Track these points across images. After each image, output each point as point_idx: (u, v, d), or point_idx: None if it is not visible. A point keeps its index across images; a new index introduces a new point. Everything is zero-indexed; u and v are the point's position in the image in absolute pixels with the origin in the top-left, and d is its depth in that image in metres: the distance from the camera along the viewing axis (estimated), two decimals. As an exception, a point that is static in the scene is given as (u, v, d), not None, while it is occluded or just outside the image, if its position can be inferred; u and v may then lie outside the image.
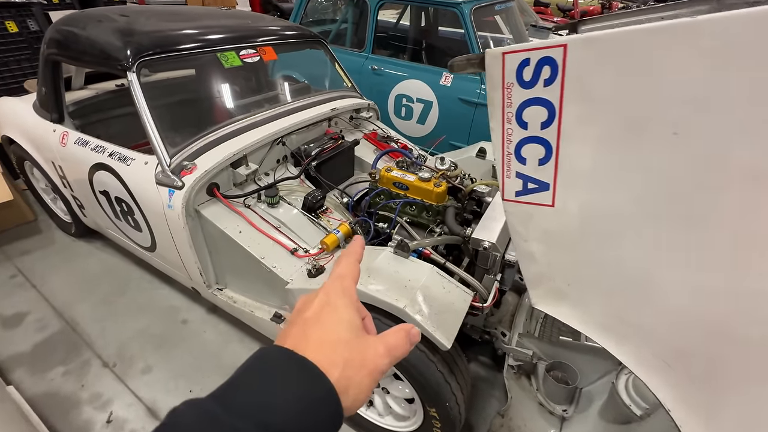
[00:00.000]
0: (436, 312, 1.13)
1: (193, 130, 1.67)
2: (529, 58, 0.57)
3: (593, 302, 0.67)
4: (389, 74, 3.16)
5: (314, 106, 2.11)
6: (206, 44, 1.72)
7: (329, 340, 0.31)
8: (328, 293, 0.36)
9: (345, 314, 0.34)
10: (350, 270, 0.39)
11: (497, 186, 1.91)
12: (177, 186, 1.47)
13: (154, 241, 1.77)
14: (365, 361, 0.32)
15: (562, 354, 1.64)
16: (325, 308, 0.34)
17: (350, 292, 0.36)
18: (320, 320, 0.33)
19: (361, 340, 0.33)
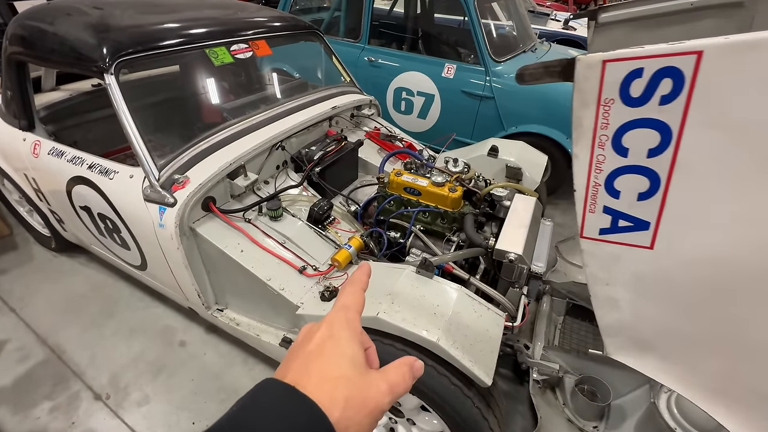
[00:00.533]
0: (471, 342, 1.02)
1: (183, 137, 1.49)
2: (642, 68, 0.43)
3: (700, 362, 0.56)
4: (387, 66, 2.99)
5: (313, 104, 1.95)
6: (192, 39, 1.54)
7: (331, 377, 0.30)
8: (331, 325, 0.34)
9: (348, 349, 0.32)
10: (354, 300, 0.38)
11: (515, 188, 1.80)
12: (168, 203, 1.31)
13: (144, 260, 1.61)
14: (367, 401, 0.30)
15: (591, 367, 1.56)
16: (328, 342, 0.33)
17: (354, 324, 0.35)
18: (323, 354, 0.32)
19: (363, 377, 0.32)
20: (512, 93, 2.62)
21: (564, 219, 2.81)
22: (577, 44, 4.42)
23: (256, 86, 2.14)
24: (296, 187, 1.65)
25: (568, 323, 1.93)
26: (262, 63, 2.27)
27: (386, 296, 1.11)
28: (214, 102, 1.78)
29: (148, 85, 1.65)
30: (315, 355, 0.32)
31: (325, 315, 0.36)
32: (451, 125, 2.91)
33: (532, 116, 2.63)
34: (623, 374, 1.50)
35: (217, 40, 1.62)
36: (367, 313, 1.06)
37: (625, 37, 1.73)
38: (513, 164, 1.97)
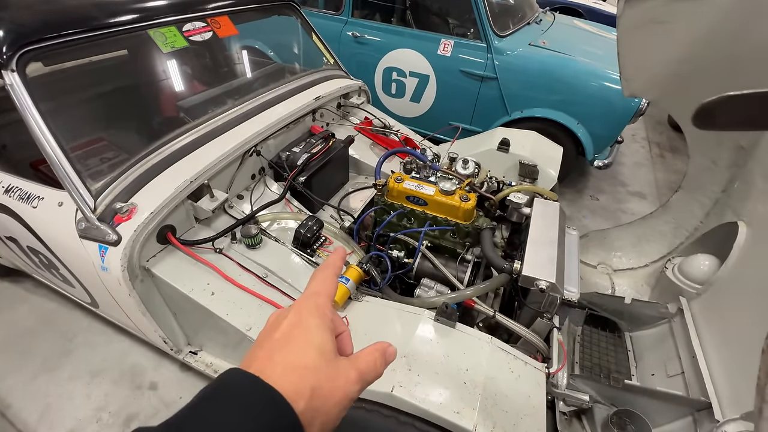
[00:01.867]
0: (514, 422, 0.79)
1: (125, 149, 1.18)
2: None
3: None
4: (375, 43, 2.62)
5: (293, 95, 1.62)
6: (130, 18, 1.18)
7: (297, 366, 0.29)
8: (299, 312, 0.33)
9: (316, 337, 0.31)
10: (326, 286, 0.37)
11: (533, 191, 1.55)
12: (110, 241, 1.01)
13: (94, 299, 1.31)
14: (334, 390, 0.30)
15: (622, 397, 1.40)
16: (295, 329, 0.32)
17: (324, 310, 0.34)
18: (289, 343, 0.31)
19: (331, 366, 0.31)
20: (517, 73, 2.32)
21: (570, 210, 2.61)
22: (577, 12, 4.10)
23: (220, 75, 1.77)
24: (276, 203, 1.36)
25: (587, 334, 1.76)
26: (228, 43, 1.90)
27: (401, 359, 0.87)
28: (166, 100, 1.43)
29: (72, 80, 1.29)
30: (281, 344, 0.31)
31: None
32: (449, 109, 2.61)
33: (539, 99, 2.35)
34: (659, 405, 1.34)
35: (165, 18, 1.26)
36: (379, 388, 0.82)
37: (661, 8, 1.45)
38: (527, 161, 1.72)
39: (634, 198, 2.74)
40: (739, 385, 1.16)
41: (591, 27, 3.00)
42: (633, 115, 2.21)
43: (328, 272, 0.38)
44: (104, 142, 1.24)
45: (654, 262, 1.94)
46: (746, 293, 1.28)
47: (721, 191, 1.65)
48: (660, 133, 3.61)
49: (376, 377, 0.33)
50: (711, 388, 1.21)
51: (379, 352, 0.34)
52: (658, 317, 1.60)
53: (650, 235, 1.98)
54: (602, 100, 2.22)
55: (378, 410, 0.87)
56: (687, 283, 1.55)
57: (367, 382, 0.32)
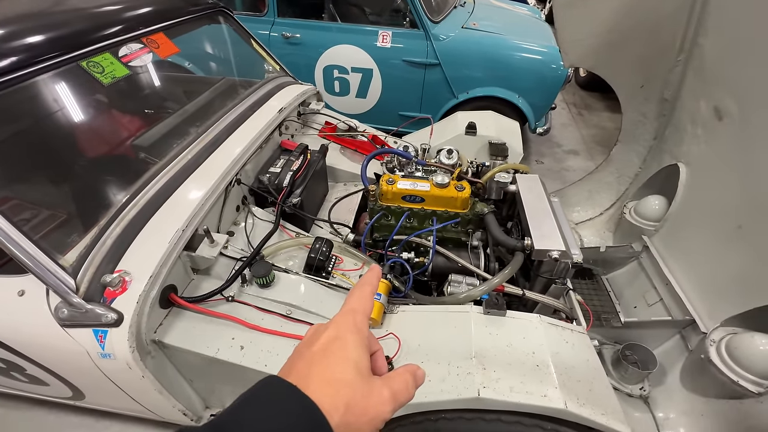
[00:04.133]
0: (590, 388, 0.86)
1: (89, 206, 0.98)
2: None
3: None
4: (309, 42, 2.51)
5: (253, 111, 1.49)
6: (52, 50, 0.96)
7: (334, 380, 0.30)
8: (338, 327, 0.34)
9: (353, 353, 0.32)
10: (363, 303, 0.37)
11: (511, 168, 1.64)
12: (109, 322, 0.84)
13: (79, 392, 1.09)
14: (368, 408, 0.30)
15: (621, 333, 1.58)
16: (334, 343, 0.32)
17: (362, 327, 0.34)
18: (327, 356, 0.31)
19: (366, 383, 0.31)
20: (458, 56, 2.41)
21: (523, 177, 2.83)
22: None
23: (168, 102, 1.54)
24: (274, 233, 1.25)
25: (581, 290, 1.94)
26: (171, 64, 1.65)
27: (471, 360, 0.88)
28: (118, 140, 1.20)
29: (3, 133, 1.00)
30: (319, 357, 0.31)
31: None
32: (397, 100, 2.62)
33: (481, 79, 2.47)
34: (651, 332, 1.55)
35: (95, 45, 1.05)
36: (464, 394, 0.82)
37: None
38: (496, 140, 1.81)
39: (570, 156, 3.06)
40: (712, 298, 1.39)
41: (502, 4, 3.21)
42: (563, 83, 2.44)
43: (365, 290, 0.38)
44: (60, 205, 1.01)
45: (607, 210, 2.21)
46: (698, 221, 1.52)
47: (653, 139, 1.92)
48: (573, 94, 4.05)
49: (407, 399, 0.33)
50: (690, 306, 1.43)
51: (410, 374, 0.34)
52: (627, 257, 1.82)
53: (599, 187, 2.24)
54: (536, 72, 2.41)
55: (461, 416, 0.87)
56: (645, 222, 1.79)
57: (400, 403, 0.32)
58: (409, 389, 0.33)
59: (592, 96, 3.93)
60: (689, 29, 1.55)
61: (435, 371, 0.89)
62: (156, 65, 1.37)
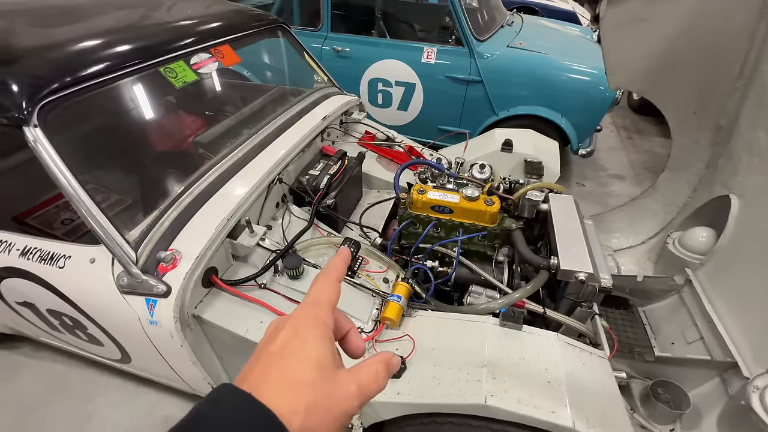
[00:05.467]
0: (602, 411, 0.84)
1: (153, 192, 1.12)
2: None
3: None
4: (358, 56, 2.64)
5: (299, 118, 1.61)
6: (139, 57, 1.13)
7: (292, 382, 0.28)
8: (297, 323, 0.32)
9: (314, 350, 0.30)
10: (327, 293, 0.35)
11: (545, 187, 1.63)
12: (159, 293, 0.96)
13: (127, 355, 1.23)
14: (331, 407, 0.28)
15: (654, 369, 1.50)
16: (292, 342, 0.30)
17: (324, 320, 0.32)
18: (285, 356, 0.29)
19: (329, 381, 0.29)
20: (501, 74, 2.43)
21: (562, 198, 2.75)
22: (532, 11, 4.33)
23: (227, 105, 1.72)
24: (308, 229, 1.34)
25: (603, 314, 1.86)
26: (231, 72, 1.84)
27: (482, 369, 0.89)
28: (183, 137, 1.37)
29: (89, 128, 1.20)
30: (277, 358, 0.29)
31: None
32: (437, 115, 2.68)
33: (523, 97, 2.47)
34: (688, 371, 1.45)
35: (172, 54, 1.22)
36: (470, 400, 0.84)
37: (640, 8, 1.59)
38: (532, 158, 1.80)
39: (615, 180, 2.94)
40: (758, 342, 1.28)
41: (554, 24, 3.19)
42: (610, 105, 2.37)
43: (330, 278, 0.36)
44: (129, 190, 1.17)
45: (650, 239, 2.09)
46: (748, 257, 1.42)
47: (705, 168, 1.81)
48: (624, 117, 3.89)
49: (378, 390, 0.31)
50: (733, 348, 1.33)
51: (382, 364, 0.32)
52: (668, 290, 1.72)
53: (643, 214, 2.14)
54: (581, 93, 2.37)
55: (467, 422, 0.88)
56: (689, 255, 1.68)
57: (368, 396, 0.31)
58: (380, 380, 0.32)
59: (645, 120, 3.74)
60: (751, 54, 1.48)
61: (446, 375, 0.92)
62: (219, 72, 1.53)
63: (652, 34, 1.62)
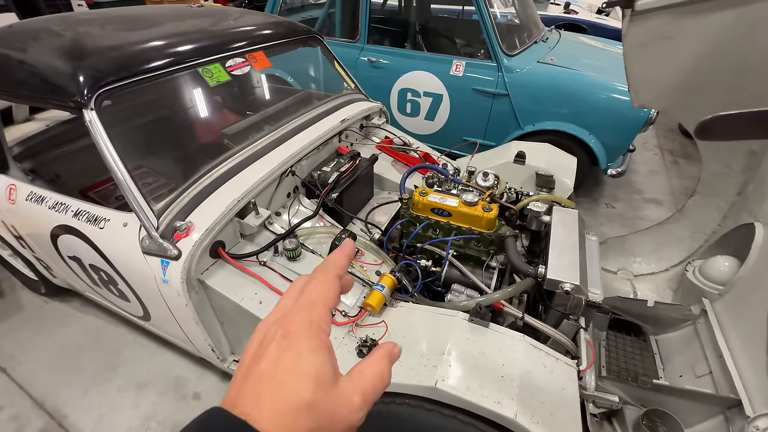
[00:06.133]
0: (551, 411, 0.85)
1: (181, 172, 1.31)
2: None
3: None
4: (390, 66, 2.78)
5: (320, 119, 1.75)
6: (183, 58, 1.33)
7: (290, 407, 0.24)
8: (289, 333, 0.27)
9: (311, 364, 0.26)
10: (324, 292, 0.30)
11: (551, 200, 1.63)
12: (171, 255, 1.12)
13: (147, 312, 1.42)
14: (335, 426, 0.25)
15: (652, 397, 1.42)
16: (284, 356, 0.26)
17: (320, 325, 0.28)
18: (278, 375, 0.25)
19: (330, 398, 0.26)
20: (528, 88, 2.44)
21: (588, 218, 2.66)
22: (580, 28, 4.24)
23: (256, 104, 1.93)
24: (312, 218, 1.46)
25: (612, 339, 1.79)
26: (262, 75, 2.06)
27: (441, 356, 0.95)
28: (212, 128, 1.58)
29: (135, 114, 1.44)
30: (269, 377, 0.26)
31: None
32: (463, 126, 2.73)
33: (549, 112, 2.45)
34: (689, 405, 1.36)
35: (211, 57, 1.42)
36: (423, 382, 0.90)
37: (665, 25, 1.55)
38: (544, 171, 1.80)
39: (651, 205, 2.78)
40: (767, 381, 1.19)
41: (596, 42, 3.12)
42: (643, 125, 2.28)
43: (328, 274, 0.32)
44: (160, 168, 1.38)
45: (674, 266, 1.97)
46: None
47: (737, 194, 1.70)
48: (672, 140, 3.65)
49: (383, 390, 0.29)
50: (740, 385, 1.24)
51: (384, 360, 0.30)
52: (682, 319, 1.63)
53: (669, 240, 2.02)
54: (612, 111, 2.31)
55: (421, 405, 0.94)
56: (709, 284, 1.58)
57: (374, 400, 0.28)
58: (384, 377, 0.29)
59: (694, 144, 3.49)
60: (786, 75, 1.40)
61: (408, 359, 0.98)
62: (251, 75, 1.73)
63: (678, 53, 1.57)
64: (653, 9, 1.48)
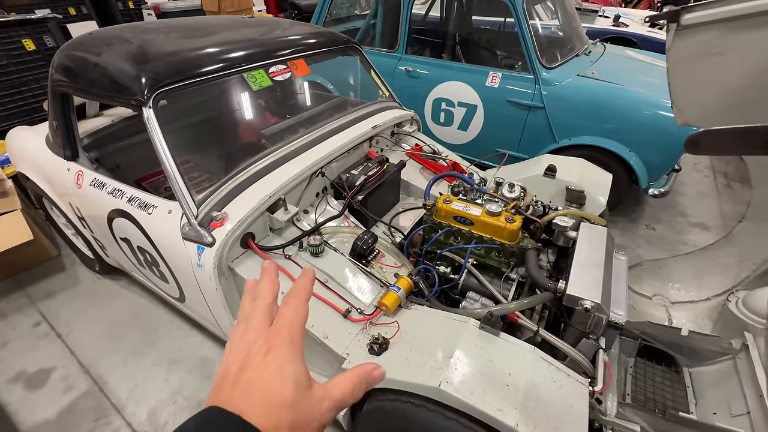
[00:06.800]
0: (555, 426, 0.84)
1: (221, 168, 1.43)
2: None
3: None
4: (426, 76, 2.83)
5: (353, 124, 1.83)
6: (231, 64, 1.46)
7: (276, 403, 0.30)
8: (273, 347, 0.33)
9: (292, 371, 0.32)
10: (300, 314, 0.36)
11: (579, 215, 1.59)
12: (206, 242, 1.23)
13: (183, 294, 1.55)
14: (310, 422, 0.31)
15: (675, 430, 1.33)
16: (271, 364, 0.32)
17: (298, 342, 0.34)
18: (265, 378, 0.31)
19: (307, 399, 0.32)
20: (565, 102, 2.39)
21: (624, 239, 2.53)
22: (630, 42, 4.06)
23: (294, 107, 2.05)
24: (337, 218, 1.53)
25: (641, 366, 1.70)
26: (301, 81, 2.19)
27: (448, 359, 0.96)
28: (252, 128, 1.70)
29: (186, 113, 1.60)
30: (258, 380, 0.31)
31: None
32: (496, 137, 2.71)
33: (587, 127, 2.38)
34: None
35: (255, 63, 1.54)
36: (427, 382, 0.92)
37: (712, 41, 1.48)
38: (574, 186, 1.76)
39: (696, 229, 2.60)
40: (813, 428, 1.08)
41: (643, 56, 2.99)
42: (690, 144, 2.16)
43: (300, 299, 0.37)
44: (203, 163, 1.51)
45: (717, 296, 1.84)
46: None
47: (791, 222, 1.57)
48: (727, 162, 3.39)
49: (352, 401, 0.34)
50: (780, 429, 1.14)
51: (358, 378, 0.35)
52: (721, 353, 1.52)
53: (712, 267, 1.89)
54: (655, 128, 2.20)
55: (425, 405, 0.96)
56: (752, 317, 1.47)
57: (342, 407, 0.34)
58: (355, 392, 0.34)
59: (754, 168, 3.21)
60: None
61: (416, 359, 1.01)
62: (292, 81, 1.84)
63: (729, 69, 1.49)
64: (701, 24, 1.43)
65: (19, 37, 3.40)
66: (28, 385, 1.73)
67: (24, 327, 1.99)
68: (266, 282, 0.40)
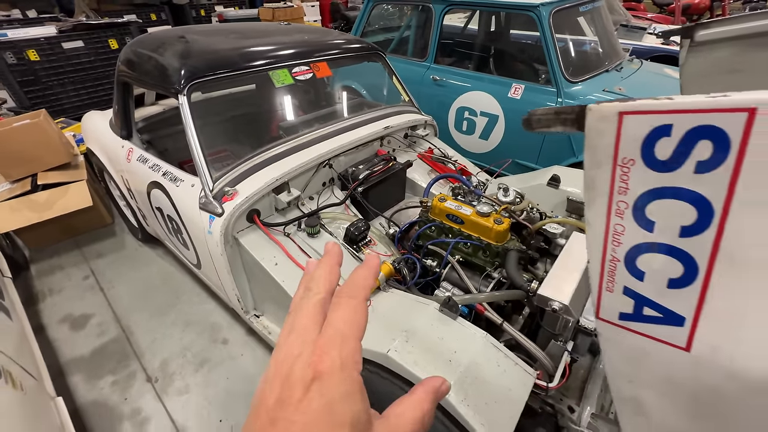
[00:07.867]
0: (487, 401, 0.90)
1: (239, 151, 1.62)
2: (671, 126, 0.34)
3: None
4: (451, 85, 2.93)
5: (367, 124, 1.97)
6: (258, 63, 1.67)
7: None
8: (319, 375, 0.25)
9: (346, 413, 0.24)
10: (356, 323, 0.27)
11: (573, 225, 1.60)
12: (217, 213, 1.42)
13: (199, 260, 1.76)
14: None
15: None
16: (315, 403, 0.24)
17: (352, 366, 0.26)
18: (308, 423, 0.23)
19: None
20: (587, 116, 2.36)
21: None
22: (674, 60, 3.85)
23: (314, 105, 2.25)
24: (338, 206, 1.67)
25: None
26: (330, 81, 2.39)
27: (402, 332, 1.05)
28: (272, 120, 1.91)
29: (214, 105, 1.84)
30: (301, 428, 0.23)
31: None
32: (515, 148, 2.73)
33: (610, 143, 2.33)
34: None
35: (280, 63, 1.74)
36: (377, 348, 1.01)
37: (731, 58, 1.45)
38: (575, 197, 1.76)
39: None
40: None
41: (687, 75, 2.85)
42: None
43: (358, 299, 0.29)
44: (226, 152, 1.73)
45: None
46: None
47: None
48: None
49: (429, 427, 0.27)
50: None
51: (428, 401, 0.28)
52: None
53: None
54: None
55: (378, 372, 1.05)
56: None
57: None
58: (425, 421, 0.27)
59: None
60: None
61: (376, 330, 1.10)
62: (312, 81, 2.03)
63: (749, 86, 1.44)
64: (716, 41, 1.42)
65: (106, 37, 3.98)
66: (72, 326, 2.04)
67: (76, 279, 2.33)
68: (324, 270, 0.31)
